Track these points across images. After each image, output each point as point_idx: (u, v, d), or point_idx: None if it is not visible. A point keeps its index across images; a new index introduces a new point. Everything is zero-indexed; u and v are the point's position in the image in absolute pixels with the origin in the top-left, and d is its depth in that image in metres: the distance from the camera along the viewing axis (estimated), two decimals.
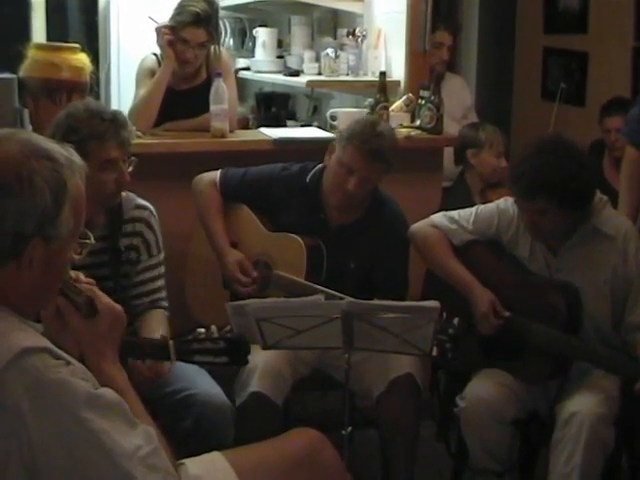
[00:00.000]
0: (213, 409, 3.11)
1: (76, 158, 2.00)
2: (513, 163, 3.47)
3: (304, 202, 3.68)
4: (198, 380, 3.18)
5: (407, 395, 3.41)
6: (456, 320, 3.23)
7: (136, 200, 3.38)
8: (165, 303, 3.43)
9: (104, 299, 2.21)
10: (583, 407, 3.15)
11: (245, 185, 3.76)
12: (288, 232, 3.64)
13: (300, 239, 3.60)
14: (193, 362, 2.96)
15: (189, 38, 4.40)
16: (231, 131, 4.33)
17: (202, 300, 3.80)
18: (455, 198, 4.66)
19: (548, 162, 3.22)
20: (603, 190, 3.51)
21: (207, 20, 4.42)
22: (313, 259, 3.59)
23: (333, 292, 3.30)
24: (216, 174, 3.80)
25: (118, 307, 2.23)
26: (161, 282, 3.44)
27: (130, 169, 3.17)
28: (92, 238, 2.15)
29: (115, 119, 3.14)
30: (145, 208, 3.41)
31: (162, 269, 3.44)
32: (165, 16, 4.49)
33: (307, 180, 3.71)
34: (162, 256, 3.44)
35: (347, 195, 3.56)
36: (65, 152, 1.97)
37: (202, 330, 2.90)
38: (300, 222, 3.65)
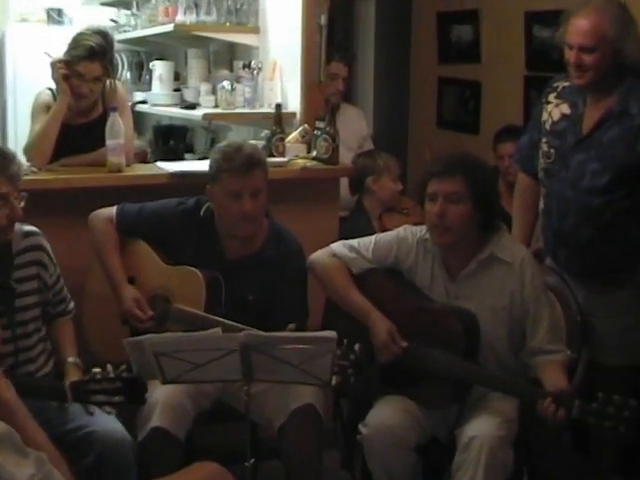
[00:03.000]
0: (114, 446, 3.09)
1: None
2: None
3: (200, 235, 3.68)
4: (98, 417, 3.15)
5: (309, 425, 3.42)
6: (357, 346, 3.27)
7: (23, 228, 3.34)
8: (72, 304, 3.57)
9: None
10: (481, 431, 3.20)
11: (141, 220, 3.75)
12: (186, 266, 3.63)
13: (198, 272, 3.59)
14: (90, 402, 2.96)
15: (84, 72, 4.36)
16: (128, 165, 4.30)
17: (101, 336, 3.75)
18: (355, 225, 4.70)
19: (464, 154, 3.59)
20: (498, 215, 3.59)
21: (102, 54, 4.40)
22: (212, 292, 3.58)
23: (233, 323, 3.30)
24: (112, 210, 3.78)
25: None
26: (65, 290, 3.52)
27: (22, 204, 3.15)
28: None
29: (2, 154, 3.11)
30: (33, 233, 3.38)
31: (61, 279, 3.50)
32: (61, 50, 4.46)
33: (201, 213, 3.70)
34: (57, 268, 3.48)
35: (249, 217, 3.54)
36: None
37: (98, 370, 2.90)
38: (197, 255, 3.64)
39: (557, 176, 3.68)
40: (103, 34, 4.51)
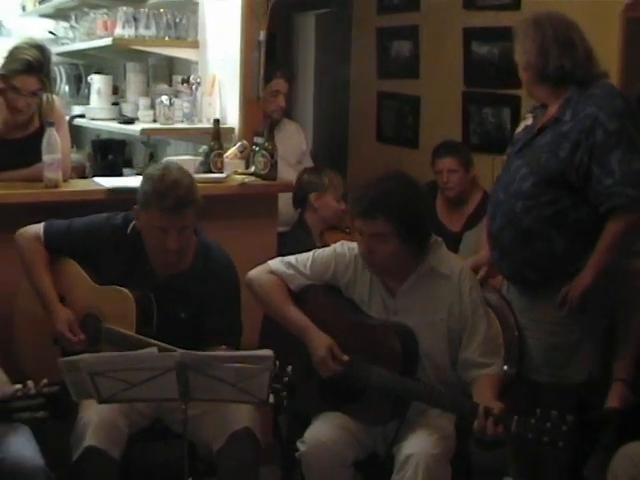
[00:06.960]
0: (24, 474, 3.00)
1: None
2: (355, 189, 3.53)
3: (128, 254, 3.63)
4: (9, 442, 3.06)
5: (246, 448, 3.40)
6: (289, 368, 3.27)
7: None
8: None
9: None
10: (418, 449, 3.21)
11: (70, 237, 3.69)
12: (116, 284, 3.57)
13: (128, 292, 3.54)
14: (14, 420, 2.89)
15: (20, 86, 4.31)
16: (65, 180, 4.26)
17: (34, 356, 3.68)
18: (295, 240, 4.70)
19: (390, 187, 3.36)
20: (436, 230, 3.61)
21: (39, 68, 4.34)
22: (143, 311, 3.54)
23: (165, 345, 3.21)
24: (40, 227, 3.72)
25: None
26: None
27: None
28: None
29: None
30: None
31: None
32: None
33: (128, 232, 3.64)
34: None
35: (173, 252, 3.49)
36: None
37: (19, 386, 2.84)
38: (127, 274, 3.60)
39: (499, 180, 3.75)
40: (40, 48, 4.46)
